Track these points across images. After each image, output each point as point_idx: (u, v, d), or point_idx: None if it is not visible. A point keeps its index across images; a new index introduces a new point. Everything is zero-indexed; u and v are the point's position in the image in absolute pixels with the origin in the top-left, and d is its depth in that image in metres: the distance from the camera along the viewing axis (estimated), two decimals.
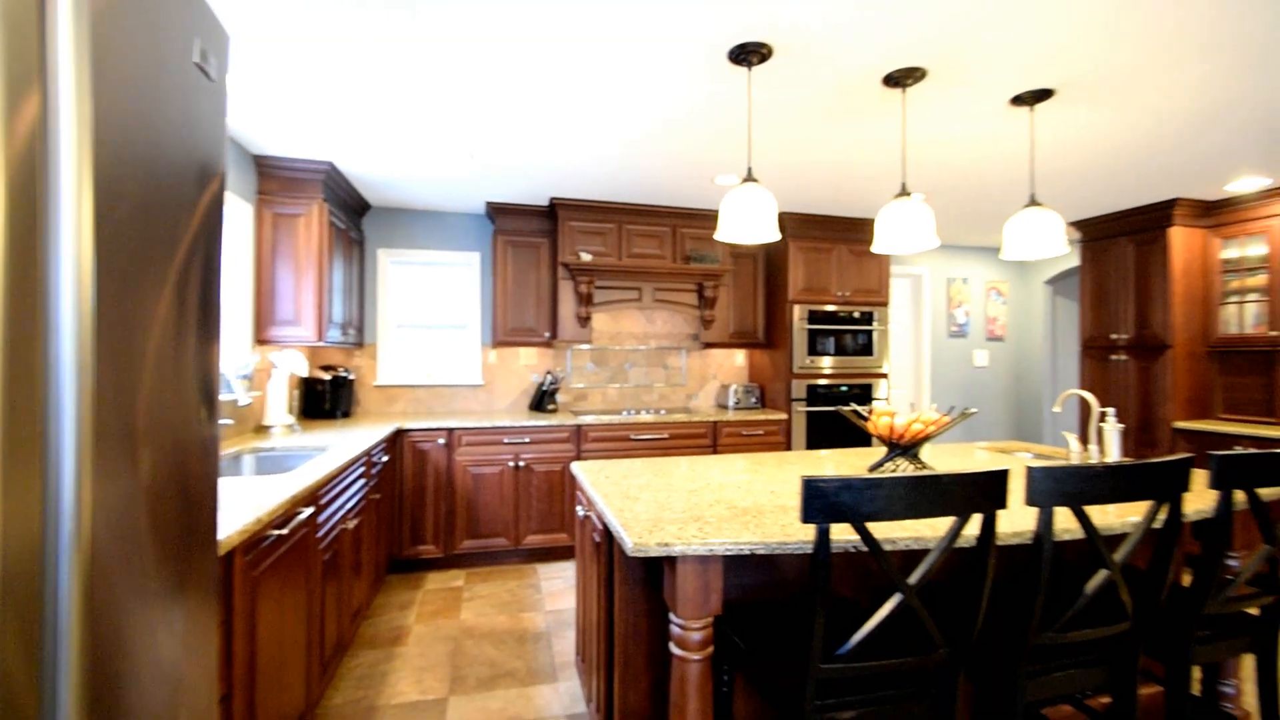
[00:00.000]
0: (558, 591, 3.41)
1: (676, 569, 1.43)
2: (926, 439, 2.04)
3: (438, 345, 4.44)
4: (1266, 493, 1.88)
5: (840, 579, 1.91)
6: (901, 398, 5.63)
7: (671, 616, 1.46)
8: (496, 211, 4.12)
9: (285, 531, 1.76)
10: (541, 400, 4.29)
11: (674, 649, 1.46)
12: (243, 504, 1.67)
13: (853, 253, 4.54)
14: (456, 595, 3.35)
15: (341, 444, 2.81)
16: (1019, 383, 5.93)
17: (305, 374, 3.39)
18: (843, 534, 1.45)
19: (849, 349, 4.51)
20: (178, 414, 0.99)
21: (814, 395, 4.43)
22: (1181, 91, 2.36)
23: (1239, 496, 1.80)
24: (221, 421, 2.54)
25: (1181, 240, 3.95)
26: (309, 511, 1.94)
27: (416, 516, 3.66)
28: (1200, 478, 2.15)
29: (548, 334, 4.23)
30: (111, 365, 0.76)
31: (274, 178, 3.23)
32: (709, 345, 4.56)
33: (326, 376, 3.73)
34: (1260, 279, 3.74)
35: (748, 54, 2.07)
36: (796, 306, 4.38)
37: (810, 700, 1.22)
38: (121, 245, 0.76)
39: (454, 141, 2.97)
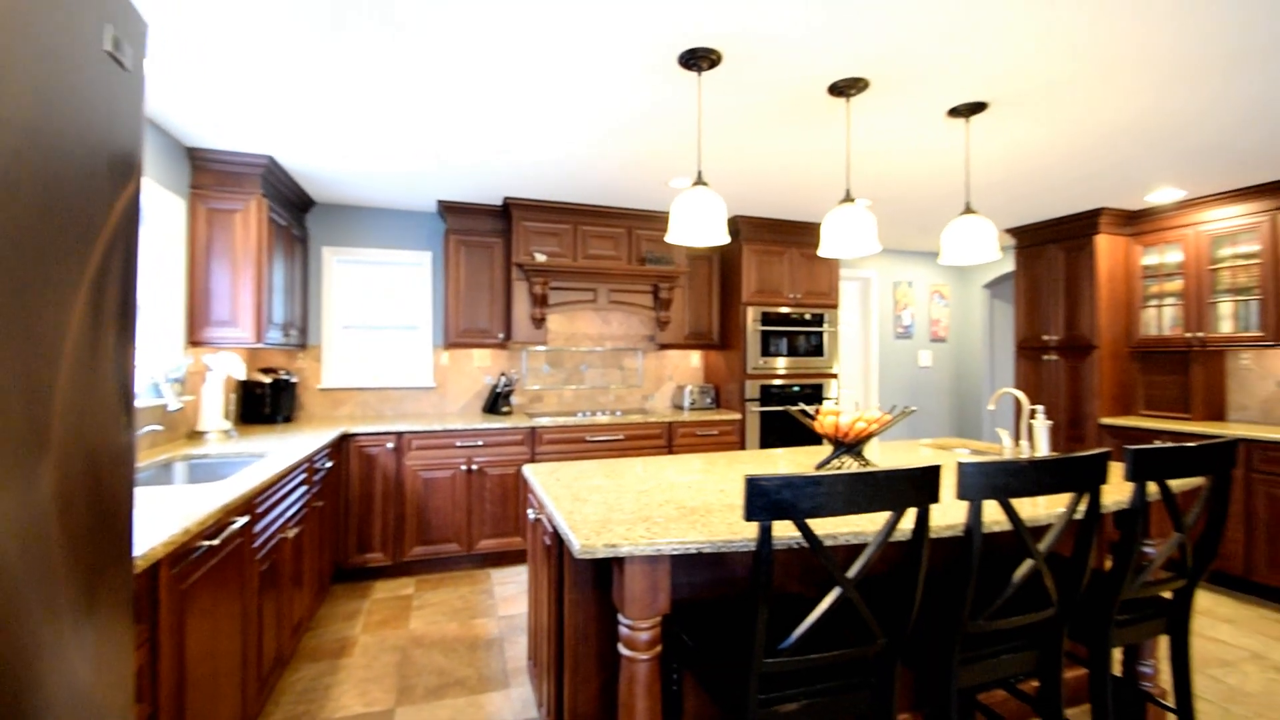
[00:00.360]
0: (511, 596, 3.36)
1: (624, 569, 1.43)
2: (870, 436, 2.10)
3: (387, 347, 4.32)
4: (1176, 484, 2.01)
5: (788, 574, 1.95)
6: (851, 398, 5.79)
7: (620, 617, 1.46)
8: (448, 210, 4.05)
9: (217, 542, 1.68)
10: (495, 402, 4.23)
11: (623, 650, 1.46)
12: (171, 514, 1.59)
13: (804, 256, 4.65)
14: (406, 603, 3.27)
15: (282, 450, 2.70)
16: (960, 382, 6.18)
17: (243, 377, 3.24)
18: (787, 531, 1.48)
19: (801, 350, 4.61)
20: (94, 420, 0.93)
21: (767, 395, 4.51)
22: (1104, 108, 2.50)
23: (1152, 488, 1.92)
24: (150, 427, 2.41)
25: (1106, 247, 4.20)
26: (243, 521, 1.86)
27: (363, 524, 3.56)
28: (1119, 470, 2.28)
29: (502, 335, 4.17)
30: (14, 369, 0.71)
31: (209, 171, 3.08)
32: (665, 346, 4.59)
33: (266, 379, 3.58)
34: (1176, 284, 4.01)
35: (697, 59, 2.10)
36: (750, 308, 4.46)
37: (754, 695, 1.24)
38: (19, 244, 0.71)
39: (403, 139, 2.90)
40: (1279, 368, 3.77)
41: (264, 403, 3.59)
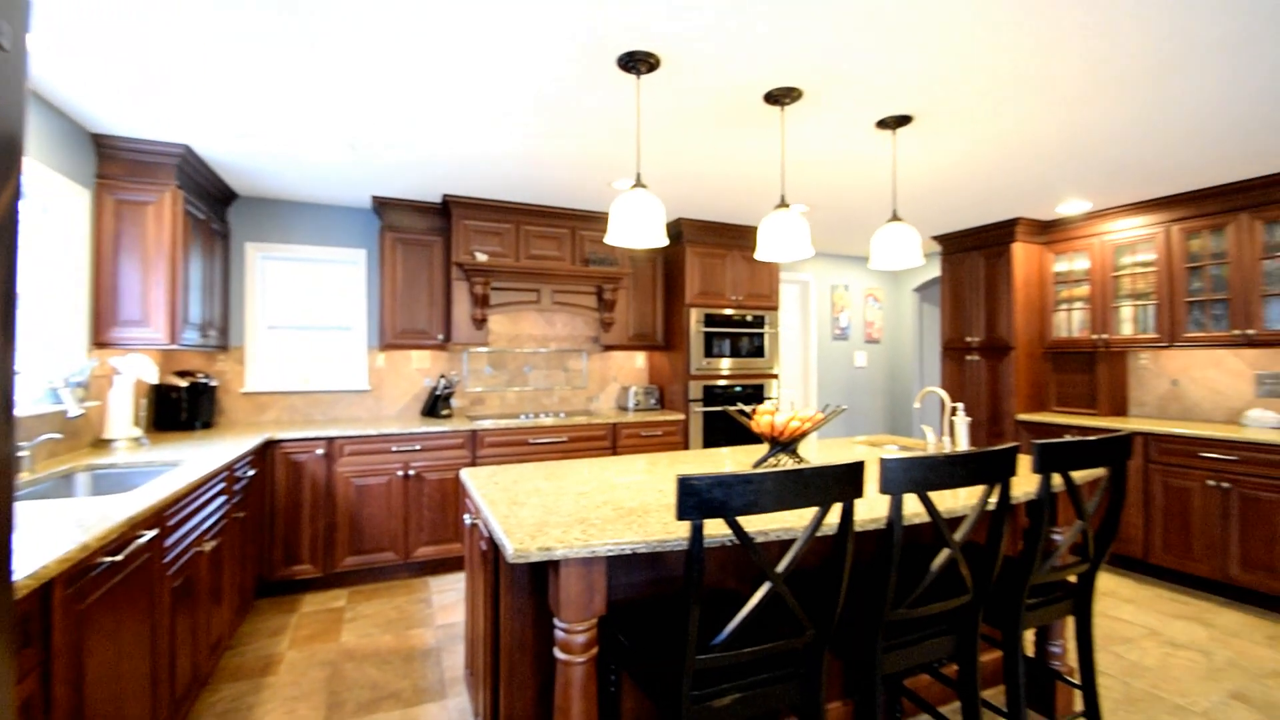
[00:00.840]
0: (450, 604, 3.28)
1: (560, 572, 1.42)
2: (804, 435, 2.17)
3: (318, 348, 4.14)
4: (1080, 475, 2.16)
5: (725, 571, 1.98)
6: (790, 398, 5.95)
7: (556, 621, 1.45)
8: (384, 206, 3.92)
9: (120, 558, 1.57)
10: (435, 405, 4.12)
11: (558, 653, 1.45)
12: (69, 528, 1.47)
13: (745, 258, 4.74)
14: (337, 616, 3.14)
15: (199, 458, 2.54)
16: (893, 382, 6.45)
17: (155, 380, 3.04)
18: (720, 529, 1.51)
19: (743, 351, 4.70)
20: None
21: (711, 396, 4.57)
22: (1020, 125, 2.67)
23: (1057, 479, 2.06)
24: (47, 436, 2.23)
25: (1022, 255, 4.48)
26: (152, 534, 1.74)
27: (291, 534, 3.39)
28: (1029, 463, 2.43)
29: (441, 336, 4.07)
30: None
31: (118, 160, 2.87)
32: (609, 348, 4.58)
33: (183, 383, 3.37)
34: (1084, 290, 4.31)
35: (636, 62, 2.11)
36: (693, 310, 4.51)
37: (687, 691, 1.25)
38: None
39: (332, 129, 2.78)
40: (1172, 367, 4.12)
41: (180, 408, 3.37)
